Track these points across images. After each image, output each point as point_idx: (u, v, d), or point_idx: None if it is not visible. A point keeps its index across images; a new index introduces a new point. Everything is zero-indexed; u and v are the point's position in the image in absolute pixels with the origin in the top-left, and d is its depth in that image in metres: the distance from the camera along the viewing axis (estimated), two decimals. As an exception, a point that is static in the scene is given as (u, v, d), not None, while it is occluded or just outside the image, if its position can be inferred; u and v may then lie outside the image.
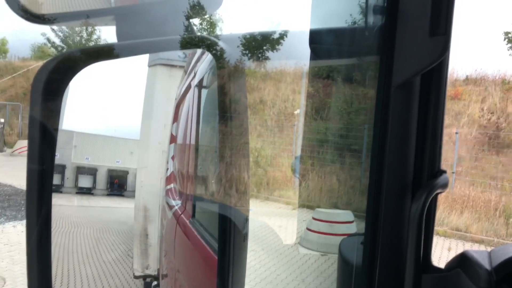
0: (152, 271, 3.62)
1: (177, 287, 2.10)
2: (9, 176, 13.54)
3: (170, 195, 2.64)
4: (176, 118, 2.78)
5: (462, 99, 15.89)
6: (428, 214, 0.75)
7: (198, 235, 1.67)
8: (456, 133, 11.96)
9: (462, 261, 0.75)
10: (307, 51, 0.89)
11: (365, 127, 0.87)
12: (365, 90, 0.95)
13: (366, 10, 0.79)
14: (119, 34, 0.99)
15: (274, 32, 1.01)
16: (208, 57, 1.59)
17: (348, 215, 1.04)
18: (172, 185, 2.73)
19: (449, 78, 0.79)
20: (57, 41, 25.40)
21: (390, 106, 0.72)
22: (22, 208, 10.13)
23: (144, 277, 3.64)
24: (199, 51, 1.88)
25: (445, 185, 0.74)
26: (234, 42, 0.99)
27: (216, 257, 1.14)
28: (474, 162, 12.40)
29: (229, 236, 1.03)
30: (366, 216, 0.76)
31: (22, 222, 9.16)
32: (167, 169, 3.09)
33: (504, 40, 17.29)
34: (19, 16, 0.97)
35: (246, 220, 1.04)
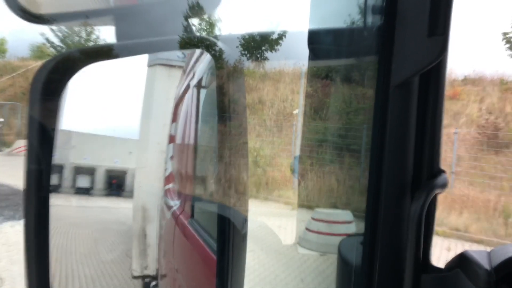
0: (151, 271, 3.61)
1: (176, 287, 2.09)
2: (7, 176, 13.52)
3: (169, 195, 2.63)
4: (175, 118, 2.78)
5: (461, 99, 15.92)
6: (428, 214, 0.75)
7: (197, 236, 1.66)
8: (455, 133, 11.99)
9: (462, 261, 0.75)
10: (306, 51, 0.89)
11: (364, 127, 0.87)
12: (364, 90, 0.95)
13: (364, 10, 0.79)
14: (118, 34, 0.99)
15: (273, 32, 1.02)
16: (207, 57, 1.58)
17: (347, 215, 1.04)
18: (170, 185, 2.72)
19: (447, 78, 0.79)
20: (56, 41, 25.35)
21: (389, 106, 0.72)
22: (20, 208, 10.11)
23: (143, 278, 3.63)
24: (198, 51, 1.88)
25: (444, 185, 0.74)
26: (233, 42, 0.99)
27: (215, 257, 1.13)
28: (473, 162, 12.43)
29: (228, 236, 1.03)
30: (365, 216, 0.76)
31: (20, 222, 9.13)
32: (166, 169, 3.08)
33: (503, 40, 17.31)
34: (18, 16, 0.97)
35: (245, 220, 1.04)
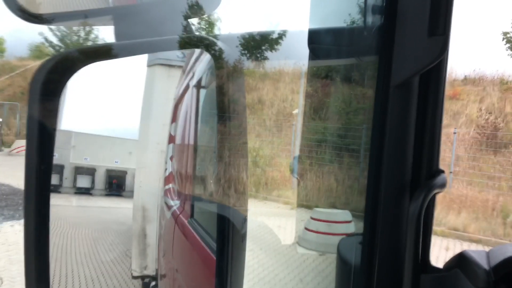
0: (151, 271, 3.61)
1: (175, 287, 2.09)
2: (6, 176, 13.53)
3: (169, 195, 2.63)
4: (174, 118, 2.78)
5: (461, 99, 15.94)
6: (427, 214, 0.75)
7: (196, 235, 1.66)
8: (454, 133, 11.99)
9: (461, 261, 0.75)
10: (306, 51, 0.89)
11: (364, 127, 0.87)
12: (364, 90, 0.95)
13: (365, 10, 0.79)
14: (118, 34, 0.99)
15: (273, 32, 1.01)
16: (206, 57, 1.58)
17: (347, 214, 1.04)
18: (170, 185, 2.72)
19: (447, 78, 0.79)
20: (55, 40, 25.33)
21: (388, 106, 0.72)
22: (20, 208, 10.11)
23: (143, 278, 3.63)
24: (198, 51, 1.88)
25: (443, 185, 0.74)
26: (232, 42, 0.99)
27: (215, 257, 1.13)
28: (471, 162, 12.43)
29: (227, 236, 1.02)
30: (364, 216, 0.76)
31: (20, 221, 9.14)
32: (166, 169, 3.08)
33: (503, 40, 17.31)
34: (17, 16, 0.97)
35: (245, 220, 1.04)
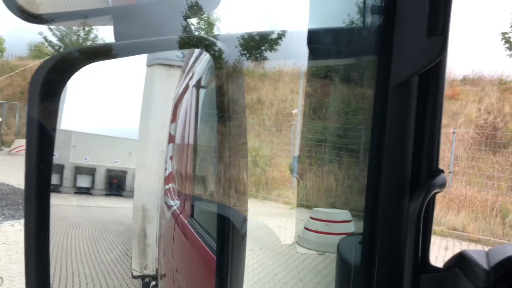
0: (151, 271, 3.61)
1: (175, 287, 2.09)
2: (6, 175, 13.54)
3: (169, 195, 2.63)
4: (174, 118, 2.78)
5: (460, 99, 15.95)
6: (426, 214, 0.75)
7: (196, 235, 1.66)
8: (453, 133, 12.00)
9: (460, 261, 0.75)
10: (305, 51, 0.89)
11: (363, 127, 0.87)
12: (363, 90, 0.95)
13: (364, 10, 0.79)
14: (117, 34, 0.99)
15: (272, 32, 1.01)
16: (206, 57, 1.58)
17: (346, 214, 1.04)
18: (170, 185, 2.72)
19: (446, 78, 0.79)
20: (54, 40, 25.35)
21: (388, 106, 0.72)
22: (20, 207, 10.11)
23: (143, 277, 3.63)
24: (197, 51, 1.88)
25: (442, 185, 0.74)
26: (232, 42, 0.99)
27: (215, 257, 1.13)
28: (471, 162, 12.44)
29: (227, 236, 1.02)
30: (364, 216, 0.76)
31: (20, 221, 9.14)
32: (166, 169, 3.08)
33: (502, 40, 17.36)
34: (17, 16, 0.97)
35: (245, 220, 1.04)
